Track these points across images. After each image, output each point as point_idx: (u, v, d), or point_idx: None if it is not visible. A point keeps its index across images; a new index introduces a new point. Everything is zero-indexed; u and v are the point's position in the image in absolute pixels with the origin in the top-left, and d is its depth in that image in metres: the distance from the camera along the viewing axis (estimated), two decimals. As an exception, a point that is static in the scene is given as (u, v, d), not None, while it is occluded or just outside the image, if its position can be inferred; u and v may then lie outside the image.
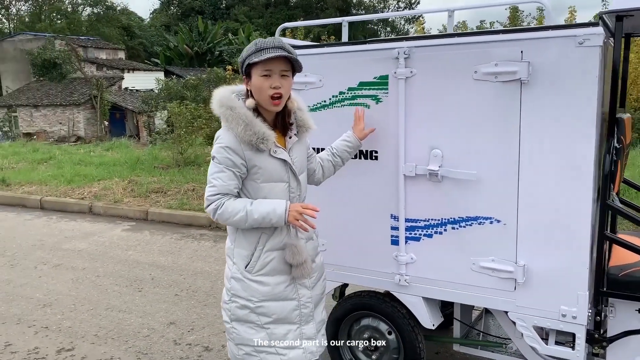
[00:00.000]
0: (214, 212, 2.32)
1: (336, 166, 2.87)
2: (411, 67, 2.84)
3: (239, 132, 2.29)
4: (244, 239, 2.44)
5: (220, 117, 2.34)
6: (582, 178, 2.50)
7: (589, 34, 2.41)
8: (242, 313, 2.44)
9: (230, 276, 2.46)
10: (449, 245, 2.88)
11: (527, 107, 2.58)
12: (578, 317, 2.61)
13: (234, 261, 2.46)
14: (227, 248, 2.53)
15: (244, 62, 2.33)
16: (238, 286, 2.44)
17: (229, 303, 2.48)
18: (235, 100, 2.35)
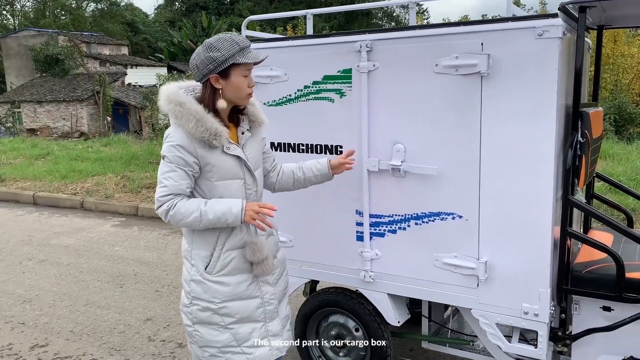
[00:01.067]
0: (165, 213, 2.23)
1: (296, 182, 2.74)
2: (374, 61, 2.79)
3: (190, 128, 2.21)
4: (201, 240, 2.36)
5: (169, 114, 2.26)
6: (542, 173, 2.45)
7: (548, 26, 2.35)
8: (204, 315, 2.38)
9: (190, 279, 2.38)
10: (413, 241, 2.84)
11: (488, 101, 2.53)
12: (540, 314, 2.56)
13: (192, 263, 2.38)
14: (183, 250, 2.44)
15: (224, 61, 2.21)
16: (199, 289, 2.36)
17: (189, 306, 2.40)
18: (184, 95, 2.27)
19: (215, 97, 2.28)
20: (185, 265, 2.43)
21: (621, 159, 8.64)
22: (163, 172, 2.25)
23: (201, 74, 2.25)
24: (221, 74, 2.25)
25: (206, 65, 2.23)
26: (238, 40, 2.24)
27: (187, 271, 2.41)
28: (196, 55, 2.26)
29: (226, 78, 2.26)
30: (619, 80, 18.95)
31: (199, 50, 2.25)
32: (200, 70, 2.25)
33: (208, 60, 2.22)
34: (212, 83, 2.26)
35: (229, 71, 2.25)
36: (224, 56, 2.22)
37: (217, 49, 2.22)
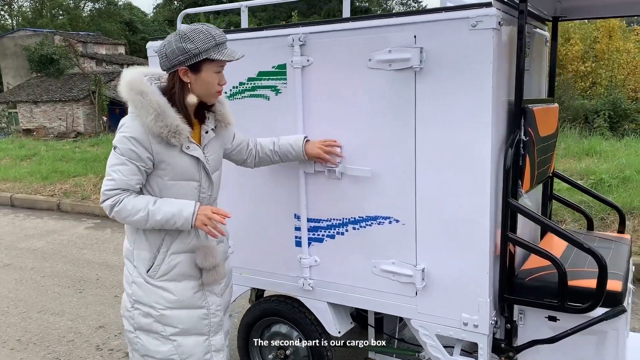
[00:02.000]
0: (110, 208, 2.08)
1: (274, 162, 2.67)
2: (308, 55, 2.62)
3: (148, 122, 2.04)
4: (145, 240, 2.21)
5: (128, 102, 2.08)
6: (479, 175, 2.29)
7: (482, 16, 2.18)
8: (145, 321, 2.24)
9: (131, 280, 2.24)
10: (351, 247, 2.67)
11: (422, 98, 2.36)
12: (480, 325, 2.39)
13: (134, 264, 2.24)
14: (125, 249, 2.30)
15: (197, 55, 2.05)
16: (140, 292, 2.22)
17: (131, 310, 2.26)
18: (147, 84, 2.09)
19: (185, 91, 2.12)
20: (127, 266, 2.28)
21: (608, 156, 8.44)
22: (112, 164, 2.09)
23: (170, 64, 2.09)
24: (191, 68, 2.09)
25: (177, 56, 2.06)
26: (215, 34, 2.08)
27: (128, 272, 2.27)
28: (167, 43, 2.09)
29: (196, 72, 2.10)
30: (614, 76, 18.76)
31: (171, 38, 2.08)
32: (169, 60, 2.08)
33: (180, 50, 2.05)
34: (180, 76, 2.10)
35: (200, 66, 2.09)
36: (198, 49, 2.06)
37: (191, 40, 2.05)
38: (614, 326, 2.32)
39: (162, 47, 2.10)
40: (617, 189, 6.32)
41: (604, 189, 6.41)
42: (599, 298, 2.22)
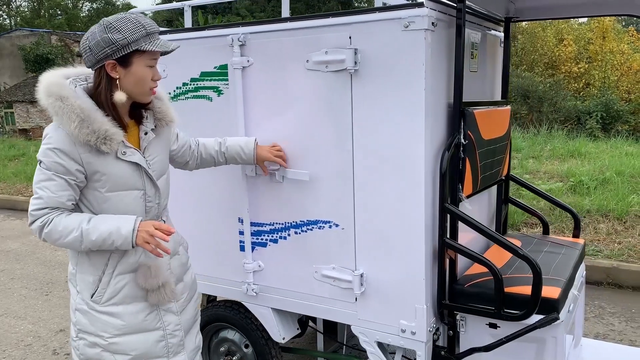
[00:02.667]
0: (39, 230, 1.87)
1: (217, 164, 2.55)
2: (248, 56, 2.57)
3: (72, 130, 1.81)
4: (87, 263, 1.99)
5: (49, 110, 1.84)
6: (414, 178, 2.23)
7: (414, 16, 2.13)
8: (92, 352, 2.01)
9: (75, 308, 2.02)
10: (293, 252, 2.62)
11: (358, 100, 2.31)
12: (417, 332, 2.34)
13: (77, 289, 2.02)
14: (69, 273, 2.08)
15: (126, 46, 1.84)
16: (84, 320, 2.00)
17: (76, 340, 2.04)
18: (68, 88, 1.86)
19: (112, 88, 1.89)
20: (71, 292, 2.06)
21: (592, 157, 8.40)
22: (38, 181, 1.87)
23: (95, 59, 1.86)
24: (120, 61, 1.87)
25: (102, 49, 1.84)
26: (144, 23, 1.87)
27: (72, 299, 2.05)
28: (90, 35, 1.86)
29: (126, 67, 1.88)
30: (607, 77, 18.71)
31: (95, 30, 1.85)
32: (94, 54, 1.85)
33: (105, 42, 1.83)
34: (107, 71, 1.88)
35: (130, 59, 1.88)
36: (126, 40, 1.84)
37: (117, 30, 1.83)
38: (552, 333, 2.27)
39: (85, 41, 1.87)
40: (595, 191, 6.27)
41: (582, 191, 6.36)
42: (534, 305, 2.17)
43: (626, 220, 5.41)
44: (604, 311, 4.17)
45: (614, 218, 5.48)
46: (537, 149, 9.40)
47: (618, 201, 5.73)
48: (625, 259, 4.76)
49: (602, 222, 5.47)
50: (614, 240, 5.13)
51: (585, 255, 4.80)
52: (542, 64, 19.88)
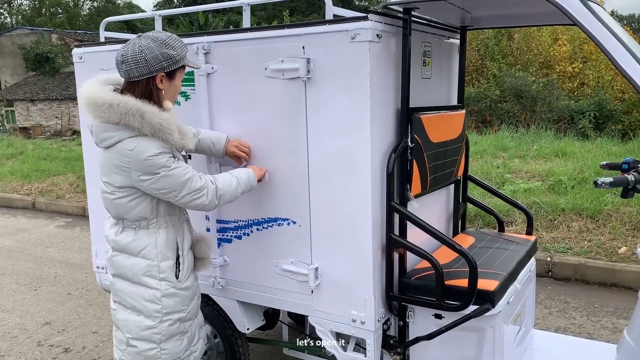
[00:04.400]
0: (215, 194, 2.26)
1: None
2: (212, 63, 2.74)
3: (176, 139, 2.13)
4: (166, 249, 2.25)
5: (125, 126, 2.08)
6: (361, 179, 2.40)
7: (359, 29, 2.29)
8: (174, 328, 2.29)
9: (161, 296, 2.23)
10: (256, 247, 2.79)
11: (312, 106, 2.48)
12: (366, 322, 2.51)
13: (160, 277, 2.23)
14: (141, 268, 2.23)
15: (178, 61, 2.15)
16: (171, 302, 2.25)
17: (156, 326, 2.24)
18: (141, 103, 2.09)
19: (160, 98, 2.17)
20: (147, 285, 2.23)
21: (576, 157, 8.54)
22: (182, 174, 2.15)
23: (149, 70, 2.09)
24: (168, 74, 2.16)
25: (160, 62, 2.10)
26: (184, 43, 2.20)
27: (151, 290, 2.23)
28: (146, 48, 2.08)
29: (171, 79, 2.18)
30: (600, 76, 18.81)
31: (150, 45, 2.09)
32: (149, 66, 2.09)
33: (164, 56, 2.10)
34: (156, 82, 2.13)
35: (175, 72, 2.18)
36: (179, 55, 2.15)
37: (172, 47, 2.12)
38: (491, 324, 2.44)
39: (140, 53, 2.07)
40: (572, 190, 6.43)
41: (560, 190, 6.52)
42: (470, 297, 2.34)
43: (598, 218, 5.57)
44: (568, 306, 4.34)
45: (587, 217, 5.65)
46: (524, 148, 9.56)
47: (592, 200, 5.89)
48: (593, 256, 4.93)
49: (575, 220, 5.64)
50: (585, 238, 5.30)
51: (556, 252, 4.98)
52: (537, 64, 20.00)
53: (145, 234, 2.24)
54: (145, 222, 2.24)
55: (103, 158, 2.20)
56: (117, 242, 2.27)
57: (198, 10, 2.94)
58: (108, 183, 2.21)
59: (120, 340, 2.32)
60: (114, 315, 2.35)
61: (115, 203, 2.21)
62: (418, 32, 2.71)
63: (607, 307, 4.28)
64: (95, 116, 2.12)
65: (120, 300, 2.30)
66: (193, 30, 38.07)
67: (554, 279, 4.90)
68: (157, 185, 2.13)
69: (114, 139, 2.12)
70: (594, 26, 1.95)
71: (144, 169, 2.09)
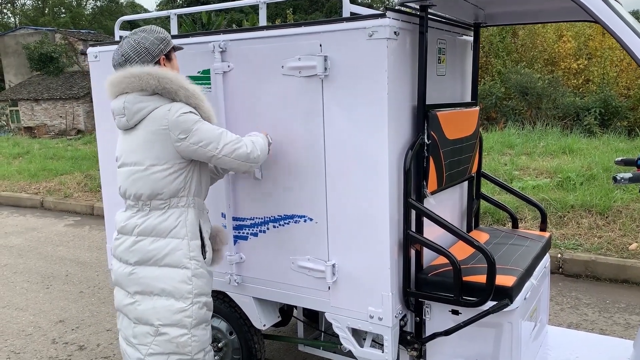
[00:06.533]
0: (252, 144, 2.39)
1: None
2: (228, 62, 2.75)
3: (205, 108, 2.35)
4: (194, 229, 2.34)
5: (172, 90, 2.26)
6: (379, 175, 2.42)
7: (377, 26, 2.31)
8: (202, 313, 2.34)
9: (191, 275, 2.28)
10: (272, 244, 2.81)
11: (329, 103, 2.49)
12: (384, 318, 2.53)
13: (191, 256, 2.30)
14: (173, 247, 2.27)
15: (170, 42, 2.35)
16: (201, 282, 2.33)
17: (188, 308, 2.27)
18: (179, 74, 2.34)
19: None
20: (178, 265, 2.28)
21: (583, 154, 8.54)
22: (214, 128, 2.30)
23: (152, 56, 2.28)
24: (167, 56, 2.35)
25: (157, 46, 2.29)
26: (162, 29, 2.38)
27: (182, 270, 2.28)
28: (142, 39, 2.28)
29: (170, 60, 2.36)
30: (606, 73, 18.78)
31: (143, 35, 2.29)
32: (151, 52, 2.28)
33: (159, 40, 2.30)
34: (161, 65, 2.31)
35: (170, 54, 2.37)
36: (168, 37, 2.34)
37: (160, 32, 2.33)
38: (508, 319, 2.45)
39: (138, 45, 2.27)
40: (581, 187, 6.43)
41: (569, 187, 6.52)
42: (488, 292, 2.35)
43: (608, 215, 5.57)
44: (580, 302, 4.34)
45: (596, 213, 5.65)
46: (530, 145, 9.55)
47: (602, 197, 5.89)
48: (604, 253, 4.93)
49: (585, 217, 5.64)
50: (595, 234, 5.30)
51: (566, 249, 4.98)
52: (542, 61, 19.96)
53: (176, 213, 2.30)
54: (177, 199, 2.30)
55: (131, 138, 2.30)
56: (144, 226, 2.29)
57: (214, 9, 2.95)
58: (140, 161, 2.27)
59: (145, 334, 2.30)
60: (134, 309, 2.32)
61: (151, 178, 2.26)
62: (433, 30, 2.72)
63: (619, 304, 4.28)
64: (132, 88, 2.24)
65: (144, 288, 2.30)
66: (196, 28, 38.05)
67: (565, 275, 4.91)
68: (195, 139, 2.23)
69: (149, 108, 2.24)
70: (614, 22, 1.95)
71: (180, 125, 2.21)
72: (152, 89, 2.22)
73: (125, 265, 2.35)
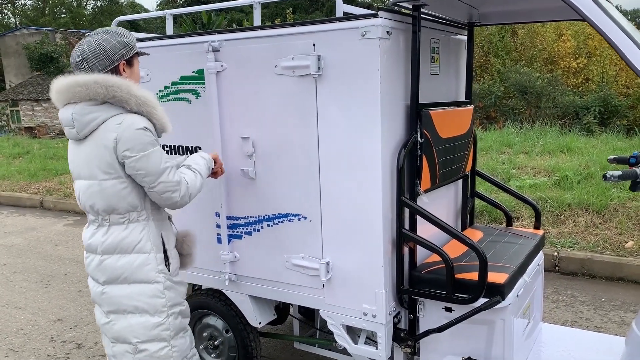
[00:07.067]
0: (186, 190, 2.25)
1: None
2: (222, 61, 2.77)
3: (158, 115, 2.22)
4: (157, 241, 2.26)
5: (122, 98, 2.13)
6: (372, 174, 2.44)
7: (369, 26, 2.33)
8: (178, 322, 2.30)
9: (163, 289, 2.24)
10: (266, 243, 2.83)
11: (322, 103, 2.51)
12: (377, 315, 2.55)
13: (159, 269, 2.24)
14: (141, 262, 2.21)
15: (133, 47, 2.25)
16: (173, 294, 2.27)
17: (164, 322, 2.24)
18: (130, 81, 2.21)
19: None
20: (148, 280, 2.22)
21: (581, 153, 8.55)
22: (160, 161, 2.16)
23: (111, 60, 2.17)
24: (128, 62, 2.25)
25: (119, 50, 2.18)
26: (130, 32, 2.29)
27: (152, 285, 2.23)
28: (103, 41, 2.15)
29: (130, 66, 2.26)
30: (605, 72, 18.78)
31: (105, 37, 2.17)
32: (110, 56, 2.16)
33: (121, 44, 2.19)
34: (120, 71, 2.21)
35: (133, 59, 2.27)
36: (133, 42, 2.24)
37: (124, 36, 2.22)
38: (501, 316, 2.47)
39: (98, 47, 2.14)
40: (578, 185, 6.44)
41: (566, 186, 6.54)
42: (480, 290, 2.37)
43: (604, 213, 5.59)
44: (575, 300, 4.36)
45: (593, 212, 5.66)
46: (529, 144, 9.56)
47: (598, 195, 5.91)
48: (600, 251, 4.95)
49: (581, 215, 5.65)
50: (591, 232, 5.32)
51: (562, 247, 5.00)
52: (541, 59, 19.96)
53: (138, 227, 2.22)
54: (136, 214, 2.21)
55: (83, 150, 2.18)
56: (107, 243, 2.20)
57: (209, 9, 2.97)
58: (93, 175, 2.16)
59: (124, 352, 2.26)
60: (110, 329, 2.27)
61: (105, 193, 2.16)
62: (426, 29, 2.74)
63: (614, 301, 4.30)
64: (79, 98, 2.11)
65: (117, 308, 2.23)
66: (196, 28, 37.99)
67: (561, 273, 4.93)
68: (137, 164, 2.11)
69: (100, 119, 2.12)
70: (603, 22, 1.97)
71: (128, 142, 2.09)
72: (101, 98, 2.10)
73: (97, 284, 2.29)
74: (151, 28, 51.90)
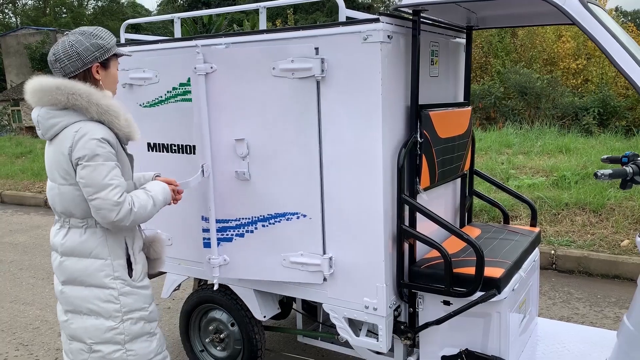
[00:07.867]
0: (129, 214, 2.11)
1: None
2: (211, 63, 2.80)
3: (121, 125, 2.15)
4: (117, 248, 2.23)
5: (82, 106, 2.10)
6: (373, 172, 2.53)
7: (371, 30, 2.42)
8: (137, 328, 2.27)
9: (118, 295, 2.22)
10: (260, 243, 2.87)
11: (325, 104, 2.61)
12: (378, 308, 2.65)
13: (115, 276, 2.22)
14: (94, 269, 2.19)
15: (109, 50, 2.20)
16: (129, 300, 2.24)
17: (118, 326, 2.22)
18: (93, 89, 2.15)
19: (99, 88, 2.19)
20: (103, 286, 2.21)
21: (580, 153, 8.65)
22: (106, 174, 2.08)
23: (82, 62, 2.14)
24: (102, 64, 2.21)
25: (92, 53, 2.15)
26: (111, 34, 2.25)
27: (107, 290, 2.21)
28: (76, 42, 2.14)
29: (106, 69, 2.22)
30: (604, 73, 18.88)
31: (79, 38, 2.15)
32: (82, 58, 2.14)
33: (95, 47, 2.15)
34: (92, 74, 2.18)
35: (109, 62, 2.23)
36: (109, 44, 2.20)
37: (100, 37, 2.18)
38: (497, 309, 2.57)
39: (70, 48, 2.12)
40: (576, 185, 6.54)
41: (564, 185, 6.63)
42: (477, 283, 2.47)
43: (601, 213, 5.69)
44: (572, 297, 4.46)
45: (590, 211, 5.76)
46: (528, 144, 9.66)
47: (595, 195, 6.00)
48: (596, 249, 5.05)
49: (578, 214, 5.75)
50: (588, 231, 5.42)
51: (559, 245, 5.10)
52: (541, 60, 20.05)
53: (97, 233, 2.19)
54: (93, 220, 2.18)
55: (49, 154, 2.20)
56: (66, 245, 2.21)
57: (217, 12, 3.07)
58: (54, 178, 2.18)
59: (79, 350, 2.26)
60: (68, 327, 2.28)
61: (64, 197, 2.16)
62: (426, 33, 2.84)
63: (610, 298, 4.40)
64: (43, 102, 2.13)
65: (74, 308, 2.24)
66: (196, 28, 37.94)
67: (558, 271, 5.03)
68: (82, 172, 2.08)
69: (61, 125, 2.13)
70: (593, 27, 2.07)
71: (81, 151, 2.07)
72: (62, 104, 2.10)
73: (58, 282, 2.31)
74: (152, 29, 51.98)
